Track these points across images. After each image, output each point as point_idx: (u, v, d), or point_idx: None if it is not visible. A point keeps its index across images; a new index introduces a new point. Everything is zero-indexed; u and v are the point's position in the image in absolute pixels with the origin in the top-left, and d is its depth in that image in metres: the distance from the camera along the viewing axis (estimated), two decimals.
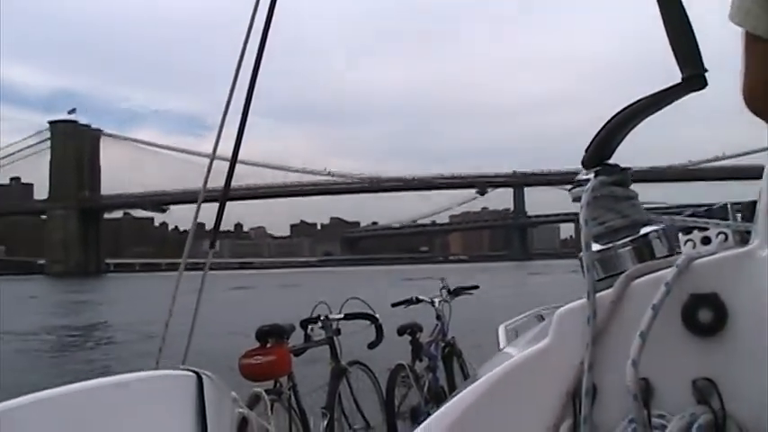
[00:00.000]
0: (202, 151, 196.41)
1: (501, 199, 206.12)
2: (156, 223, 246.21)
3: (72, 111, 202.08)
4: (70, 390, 2.31)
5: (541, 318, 3.78)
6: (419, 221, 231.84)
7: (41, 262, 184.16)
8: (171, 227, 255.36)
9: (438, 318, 7.02)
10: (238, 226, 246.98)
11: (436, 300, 7.09)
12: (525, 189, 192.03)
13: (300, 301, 7.96)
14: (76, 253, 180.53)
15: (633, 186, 1.36)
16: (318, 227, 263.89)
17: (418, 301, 7.08)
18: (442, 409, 1.61)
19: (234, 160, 4.20)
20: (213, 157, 4.21)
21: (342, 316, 5.66)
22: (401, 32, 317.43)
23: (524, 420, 1.41)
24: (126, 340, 24.62)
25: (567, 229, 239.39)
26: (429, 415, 4.90)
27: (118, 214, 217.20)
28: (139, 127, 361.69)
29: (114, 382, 2.57)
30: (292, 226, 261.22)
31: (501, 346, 2.78)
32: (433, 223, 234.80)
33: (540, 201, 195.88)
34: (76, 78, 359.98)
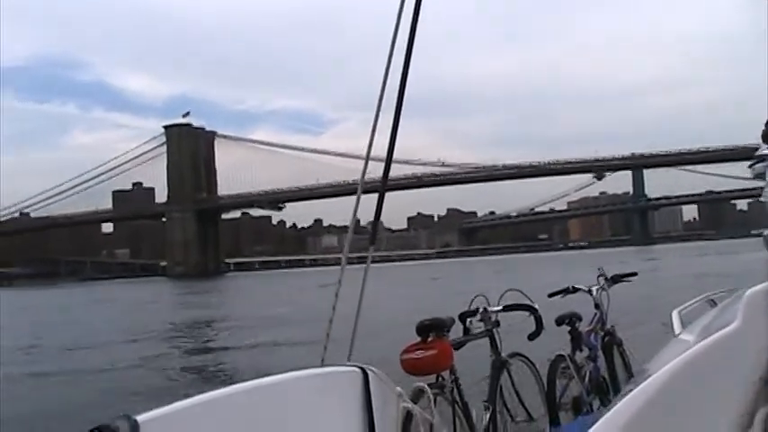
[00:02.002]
0: (319, 148, 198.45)
1: (619, 182, 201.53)
2: (274, 221, 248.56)
3: (186, 114, 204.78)
4: (242, 388, 2.61)
5: (713, 302, 3.73)
6: (537, 209, 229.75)
7: (163, 264, 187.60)
8: (288, 224, 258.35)
9: (596, 307, 6.95)
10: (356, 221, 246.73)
11: (594, 288, 7.03)
12: (644, 171, 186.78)
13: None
14: (196, 254, 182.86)
15: None
16: (435, 218, 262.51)
17: (575, 290, 7.02)
18: (626, 399, 1.52)
19: (390, 155, 4.49)
20: (369, 153, 4.51)
21: (500, 308, 5.62)
22: (511, 17, 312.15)
23: (714, 409, 1.32)
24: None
25: (689, 212, 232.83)
26: (591, 406, 5.50)
27: (236, 214, 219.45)
28: (256, 128, 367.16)
29: (283, 380, 2.84)
30: (409, 218, 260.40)
31: (676, 333, 2.83)
32: (551, 210, 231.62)
33: (661, 183, 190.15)
34: (192, 84, 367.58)
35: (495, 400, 5.19)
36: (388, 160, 4.55)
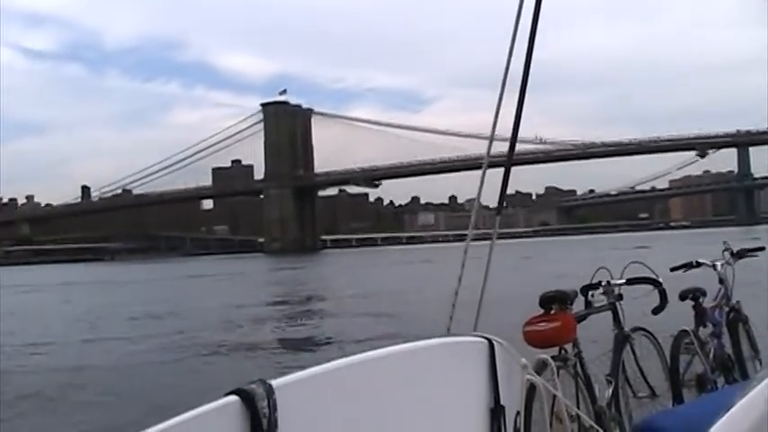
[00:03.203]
0: (419, 125, 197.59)
1: (724, 161, 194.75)
2: (371, 199, 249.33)
3: (283, 92, 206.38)
4: (371, 356, 2.71)
5: None
6: (637, 187, 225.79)
7: (260, 240, 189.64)
8: (385, 202, 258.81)
9: (720, 282, 6.63)
10: (453, 198, 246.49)
11: (718, 263, 6.69)
12: (750, 149, 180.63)
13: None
14: (293, 231, 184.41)
15: None
16: (533, 197, 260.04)
17: (698, 264, 6.71)
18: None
19: (515, 130, 4.57)
20: (494, 128, 4.49)
21: (624, 281, 5.46)
22: None
23: None
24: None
25: None
26: (715, 384, 5.70)
27: (333, 191, 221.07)
28: (355, 105, 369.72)
29: (411, 348, 2.94)
30: (508, 196, 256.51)
31: None
32: (652, 189, 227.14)
33: None
34: (292, 63, 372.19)
35: (617, 374, 5.11)
36: (514, 135, 4.63)
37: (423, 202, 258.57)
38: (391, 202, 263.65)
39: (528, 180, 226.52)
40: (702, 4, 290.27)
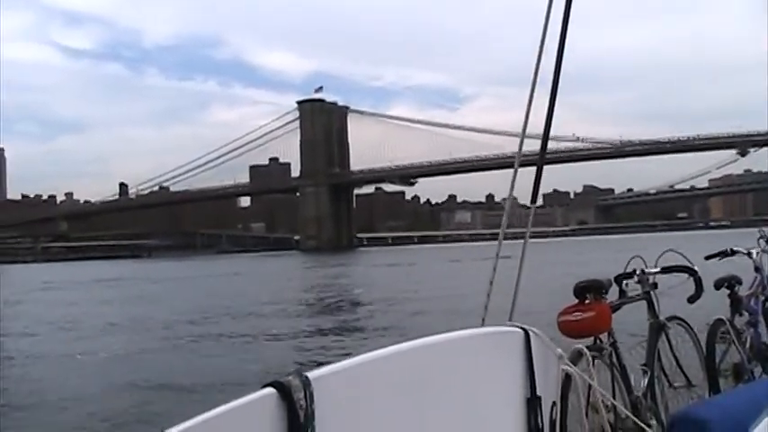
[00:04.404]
0: (456, 123, 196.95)
1: (766, 159, 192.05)
2: (408, 197, 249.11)
3: (318, 89, 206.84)
4: (407, 347, 2.73)
5: None
6: (676, 186, 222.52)
7: (296, 238, 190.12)
8: (422, 200, 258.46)
9: (756, 270, 6.61)
10: (490, 197, 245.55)
11: (754, 251, 6.72)
12: None
13: None
14: (329, 228, 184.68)
15: None
16: (571, 195, 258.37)
17: (733, 252, 6.74)
18: None
19: (547, 128, 4.50)
20: (525, 126, 4.50)
21: (658, 270, 5.41)
22: None
23: None
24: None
25: None
26: (752, 373, 5.69)
27: (370, 189, 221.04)
28: (393, 103, 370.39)
29: (447, 339, 2.96)
30: (545, 195, 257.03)
31: None
32: (692, 188, 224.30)
33: None
34: (330, 61, 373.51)
35: (653, 364, 5.07)
36: (546, 134, 4.53)
37: (459, 200, 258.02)
38: (428, 200, 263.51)
39: (565, 178, 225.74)
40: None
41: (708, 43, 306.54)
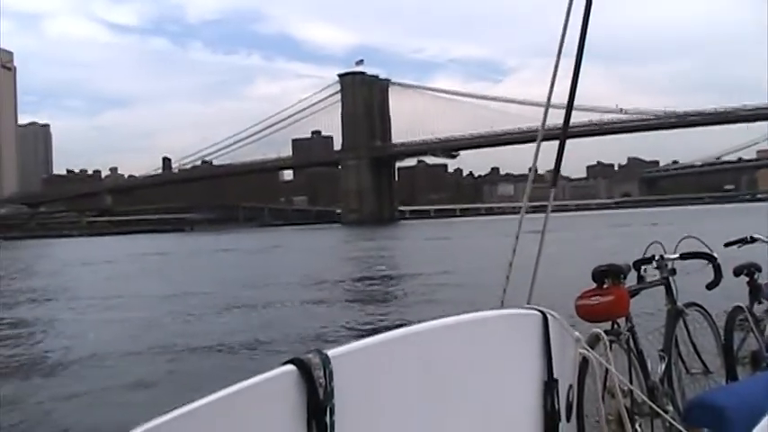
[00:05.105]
0: (497, 95, 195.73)
1: None
2: (450, 170, 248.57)
3: (359, 62, 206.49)
4: (424, 327, 2.75)
5: None
6: (723, 158, 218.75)
7: (338, 211, 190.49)
8: (465, 172, 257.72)
9: None
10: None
11: None
12: None
13: None
14: (370, 201, 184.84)
15: None
16: (615, 167, 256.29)
17: (753, 240, 6.53)
18: None
19: (570, 102, 4.54)
20: (549, 99, 4.45)
21: (677, 256, 5.38)
22: None
23: None
24: None
25: None
26: None
27: (412, 162, 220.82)
28: (435, 76, 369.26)
29: (464, 321, 2.97)
30: (588, 167, 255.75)
31: None
32: (739, 160, 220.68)
33: None
34: (373, 34, 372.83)
35: (670, 349, 5.07)
36: (569, 107, 4.54)
37: (502, 172, 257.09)
38: (470, 172, 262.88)
39: (610, 150, 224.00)
40: None
41: (757, 12, 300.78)
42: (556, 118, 4.44)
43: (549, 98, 4.45)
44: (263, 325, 18.85)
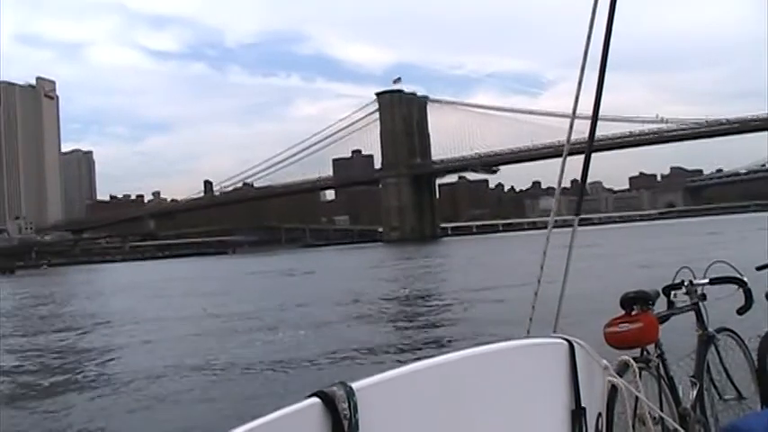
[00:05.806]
0: (536, 109, 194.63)
1: None
2: (491, 185, 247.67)
3: (397, 80, 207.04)
4: (450, 358, 2.75)
5: None
6: None
7: (379, 230, 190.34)
8: (506, 187, 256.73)
9: None
10: (574, 182, 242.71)
11: None
12: None
13: None
14: (412, 219, 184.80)
15: None
16: (658, 177, 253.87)
17: None
18: None
19: (595, 115, 4.55)
20: (574, 112, 4.55)
21: (707, 281, 5.31)
22: None
23: None
24: None
25: None
26: None
27: (452, 178, 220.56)
28: (474, 91, 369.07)
29: (490, 351, 2.96)
30: (631, 178, 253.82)
31: None
32: None
33: None
34: (410, 51, 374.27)
35: (701, 376, 4.97)
36: (594, 120, 4.55)
37: (544, 186, 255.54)
38: (512, 187, 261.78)
39: (652, 160, 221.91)
40: None
41: None
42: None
43: (573, 111, 4.48)
44: (298, 347, 19.31)
